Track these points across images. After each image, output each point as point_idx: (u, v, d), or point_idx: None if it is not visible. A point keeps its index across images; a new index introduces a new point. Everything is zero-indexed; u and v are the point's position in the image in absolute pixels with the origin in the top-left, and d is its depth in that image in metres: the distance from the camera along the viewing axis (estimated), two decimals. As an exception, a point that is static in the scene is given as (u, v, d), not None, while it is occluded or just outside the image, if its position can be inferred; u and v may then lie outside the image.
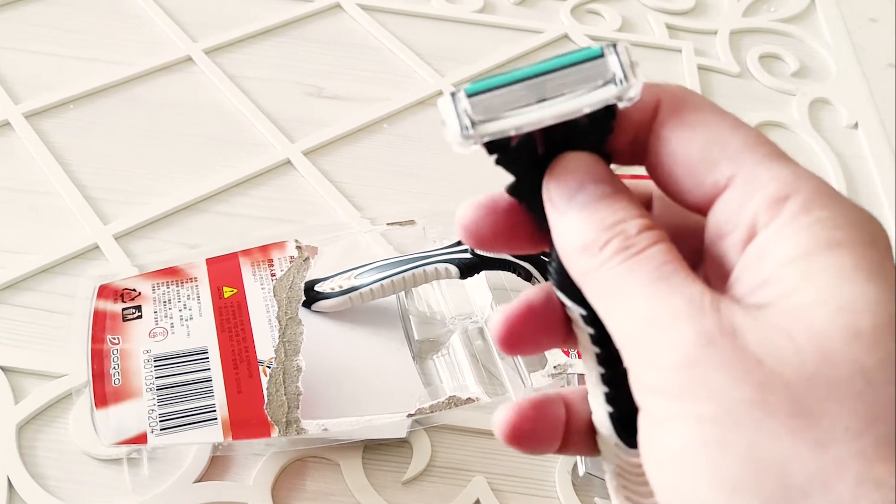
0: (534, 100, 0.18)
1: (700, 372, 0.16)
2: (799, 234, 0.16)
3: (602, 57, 0.18)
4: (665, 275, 0.17)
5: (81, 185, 0.44)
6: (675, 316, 0.16)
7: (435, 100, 0.52)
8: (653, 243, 0.17)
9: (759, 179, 0.17)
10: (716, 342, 0.16)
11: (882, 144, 0.53)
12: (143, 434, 0.32)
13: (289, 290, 0.37)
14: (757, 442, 0.15)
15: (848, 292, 0.16)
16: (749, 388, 0.15)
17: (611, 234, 0.18)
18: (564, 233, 0.18)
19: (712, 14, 0.62)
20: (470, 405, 0.35)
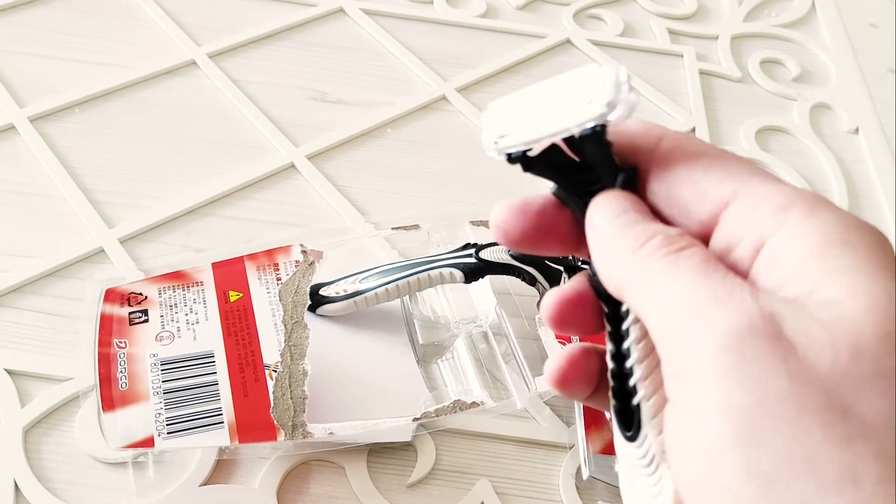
0: (541, 116, 0.20)
1: (737, 360, 0.16)
2: (811, 235, 0.17)
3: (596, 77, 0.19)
4: (706, 269, 0.17)
5: (87, 188, 0.44)
6: (717, 302, 0.16)
7: (438, 104, 0.52)
8: (692, 244, 0.18)
9: (761, 192, 0.18)
10: (756, 328, 0.16)
11: (882, 149, 0.53)
12: (150, 438, 0.32)
13: (294, 295, 0.37)
14: (791, 437, 0.15)
15: (875, 290, 0.16)
16: (785, 380, 0.15)
17: (653, 233, 0.18)
18: (607, 249, 0.19)
19: (714, 19, 0.62)
20: (474, 409, 0.35)
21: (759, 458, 0.15)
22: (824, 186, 0.50)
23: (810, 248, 0.17)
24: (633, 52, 0.58)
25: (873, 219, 0.49)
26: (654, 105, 0.54)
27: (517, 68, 0.55)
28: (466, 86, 0.53)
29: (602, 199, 0.20)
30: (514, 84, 0.54)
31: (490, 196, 0.46)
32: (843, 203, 0.50)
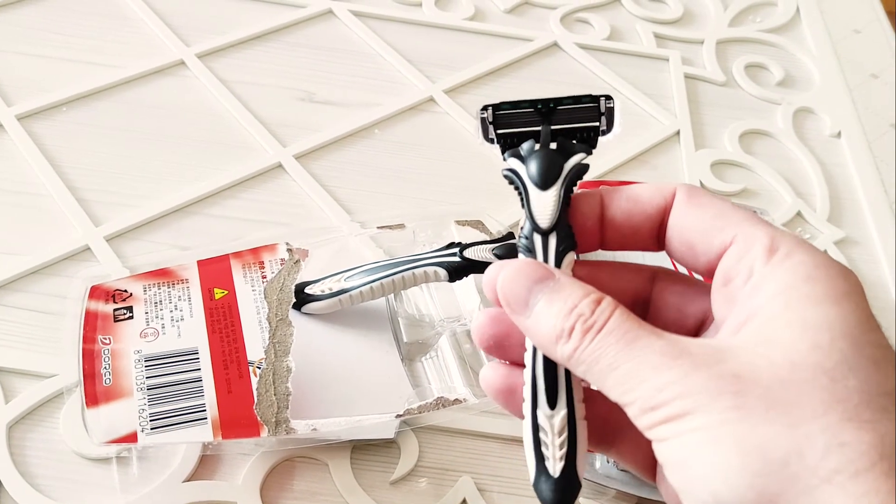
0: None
1: (687, 398, 0.20)
2: (784, 274, 0.21)
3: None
4: (631, 340, 0.21)
5: (73, 187, 0.44)
6: (654, 367, 0.20)
7: (426, 105, 0.52)
8: (609, 315, 0.21)
9: (755, 236, 0.22)
10: (696, 368, 0.20)
11: (864, 153, 0.54)
12: (134, 433, 0.32)
13: (279, 292, 0.37)
14: (741, 434, 0.19)
15: (813, 315, 0.20)
16: (729, 398, 0.19)
17: (572, 321, 0.22)
18: (535, 332, 0.23)
19: (699, 24, 0.63)
20: (457, 406, 0.35)
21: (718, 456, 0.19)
22: (807, 189, 0.51)
23: (780, 285, 0.21)
24: (620, 55, 0.58)
25: (854, 222, 0.50)
26: (640, 108, 0.54)
27: (504, 71, 0.56)
28: (454, 87, 0.53)
29: (504, 281, 0.23)
30: (502, 86, 0.55)
31: (475, 196, 0.47)
32: (825, 206, 0.50)
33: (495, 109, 0.25)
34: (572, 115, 0.25)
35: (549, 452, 0.23)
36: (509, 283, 0.23)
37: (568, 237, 0.23)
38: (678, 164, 0.51)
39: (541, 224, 0.23)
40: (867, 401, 0.19)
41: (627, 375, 0.21)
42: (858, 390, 0.19)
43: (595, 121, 0.25)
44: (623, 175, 0.50)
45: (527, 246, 0.24)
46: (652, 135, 0.52)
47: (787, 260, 0.21)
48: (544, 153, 0.24)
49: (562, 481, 0.23)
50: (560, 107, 0.25)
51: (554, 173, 0.24)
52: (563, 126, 0.25)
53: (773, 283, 0.21)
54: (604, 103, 0.25)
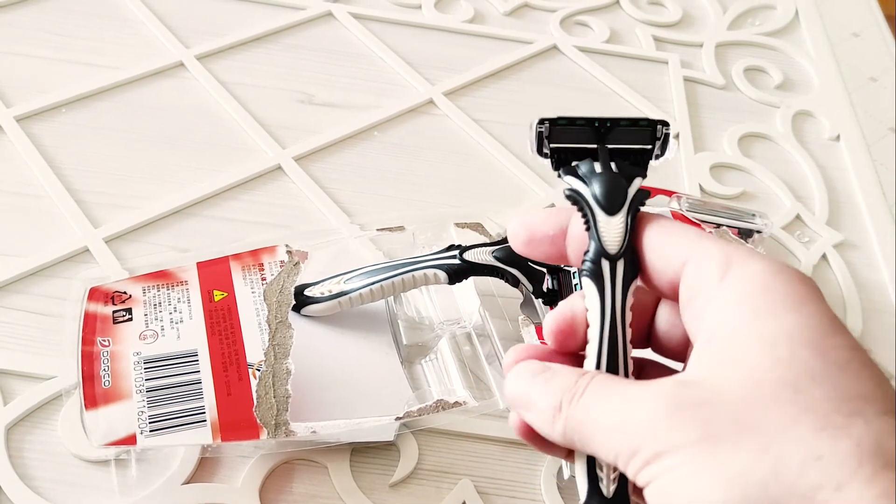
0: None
1: (659, 433, 0.20)
2: (740, 285, 0.21)
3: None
4: (607, 395, 0.22)
5: (72, 188, 0.44)
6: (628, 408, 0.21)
7: (425, 108, 0.52)
8: (591, 380, 0.22)
9: (708, 251, 0.22)
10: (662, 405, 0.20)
11: (863, 157, 0.54)
12: (133, 435, 0.32)
13: (279, 295, 0.37)
14: (717, 466, 0.19)
15: (772, 328, 0.20)
16: (698, 429, 0.19)
17: (560, 395, 0.23)
18: (537, 422, 0.23)
19: (698, 27, 0.63)
20: (457, 409, 0.35)
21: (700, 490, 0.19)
22: (806, 193, 0.51)
23: (736, 297, 0.21)
24: (619, 58, 0.58)
25: (853, 225, 0.50)
26: (640, 111, 0.54)
27: (504, 73, 0.56)
28: (454, 90, 0.53)
29: (508, 384, 0.24)
30: (501, 89, 0.55)
31: (474, 198, 0.47)
32: (824, 209, 0.50)
33: (552, 124, 0.25)
34: (628, 137, 0.25)
35: (604, 473, 0.23)
36: (513, 385, 0.24)
37: (633, 263, 0.23)
38: (677, 167, 0.51)
39: (609, 250, 0.23)
40: (836, 407, 0.19)
41: (608, 429, 0.21)
42: (826, 398, 0.19)
43: (649, 144, 0.25)
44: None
45: (593, 271, 0.23)
46: (651, 138, 0.52)
47: (740, 272, 0.21)
48: (610, 177, 0.24)
49: (615, 502, 0.23)
50: (617, 127, 0.25)
51: (621, 199, 0.24)
52: (618, 146, 0.25)
53: (727, 298, 0.21)
54: (661, 129, 0.25)
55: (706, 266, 0.22)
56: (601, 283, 0.23)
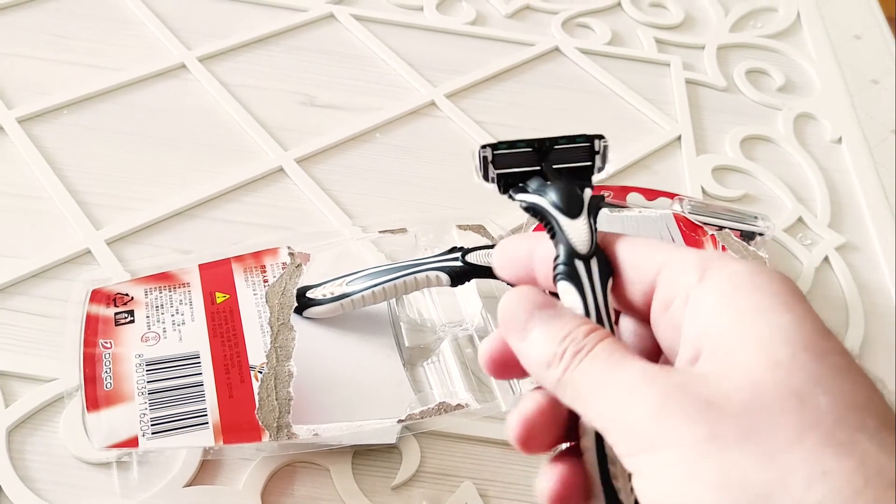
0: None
1: (663, 426, 0.19)
2: (722, 285, 0.21)
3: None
4: (613, 363, 0.21)
5: (74, 190, 0.44)
6: (633, 387, 0.20)
7: (427, 109, 0.52)
8: (599, 340, 0.21)
9: (685, 257, 0.22)
10: (669, 399, 0.19)
11: (865, 159, 0.54)
12: (135, 438, 0.32)
13: (281, 297, 0.37)
14: (719, 469, 0.18)
15: (765, 328, 0.20)
16: (704, 429, 0.19)
17: (565, 345, 0.21)
18: (528, 356, 0.22)
19: (700, 29, 0.63)
20: (459, 411, 0.35)
21: (699, 492, 0.18)
22: (807, 195, 0.51)
23: (721, 297, 0.21)
24: (621, 60, 0.58)
25: (855, 227, 0.50)
26: (641, 113, 0.54)
27: (506, 75, 0.56)
28: (455, 92, 0.53)
29: (507, 303, 0.23)
30: (503, 90, 0.55)
31: (476, 200, 0.47)
32: (826, 212, 0.50)
33: (494, 149, 0.25)
34: (569, 155, 0.25)
35: (621, 484, 0.22)
36: (512, 306, 0.23)
37: (606, 262, 0.24)
38: (679, 170, 0.51)
39: (580, 250, 0.23)
40: (840, 419, 0.18)
41: (608, 400, 0.20)
42: (830, 408, 0.18)
43: (590, 160, 0.25)
44: (625, 180, 0.50)
45: (568, 272, 0.23)
46: (653, 140, 0.52)
47: (720, 273, 0.21)
48: (563, 184, 0.25)
49: None
50: (556, 146, 0.25)
51: (579, 201, 0.24)
52: (561, 165, 0.25)
53: (713, 299, 0.21)
54: (599, 143, 0.25)
55: (683, 270, 0.22)
56: (579, 283, 0.23)
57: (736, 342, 0.20)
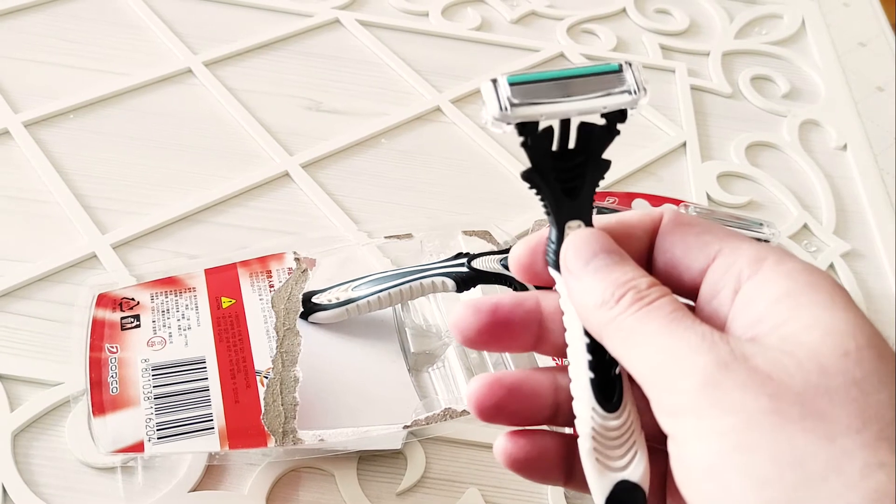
0: (561, 96, 0.22)
1: (720, 391, 0.19)
2: (780, 280, 0.21)
3: (620, 72, 0.22)
4: (677, 318, 0.20)
5: (80, 194, 0.44)
6: (692, 349, 0.20)
7: (432, 115, 0.52)
8: (662, 295, 0.21)
9: (740, 249, 0.22)
10: (730, 365, 0.19)
11: (870, 166, 0.54)
12: (141, 442, 0.32)
13: (287, 302, 0.37)
14: (777, 442, 0.18)
15: (831, 320, 0.20)
16: (765, 399, 0.18)
17: (625, 289, 0.21)
18: (582, 293, 0.22)
19: (705, 36, 0.63)
20: (465, 417, 0.35)
21: (754, 464, 0.18)
22: (812, 202, 0.51)
23: (780, 290, 0.20)
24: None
25: (860, 234, 0.50)
26: (646, 119, 0.54)
27: (511, 81, 0.56)
28: (461, 97, 0.54)
29: (574, 238, 0.22)
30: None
31: (482, 206, 0.47)
32: (831, 219, 0.50)
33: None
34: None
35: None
36: (578, 242, 0.22)
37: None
38: (684, 176, 0.51)
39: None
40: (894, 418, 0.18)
41: (662, 355, 0.20)
42: (888, 406, 0.18)
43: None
44: (630, 186, 0.50)
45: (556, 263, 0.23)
46: (658, 146, 0.52)
47: (780, 267, 0.21)
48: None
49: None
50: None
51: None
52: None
53: (773, 289, 0.21)
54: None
55: (736, 261, 0.21)
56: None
57: (801, 328, 0.20)
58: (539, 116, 0.22)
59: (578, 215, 0.23)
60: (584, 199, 0.23)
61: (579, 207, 0.23)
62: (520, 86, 0.22)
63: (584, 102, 0.22)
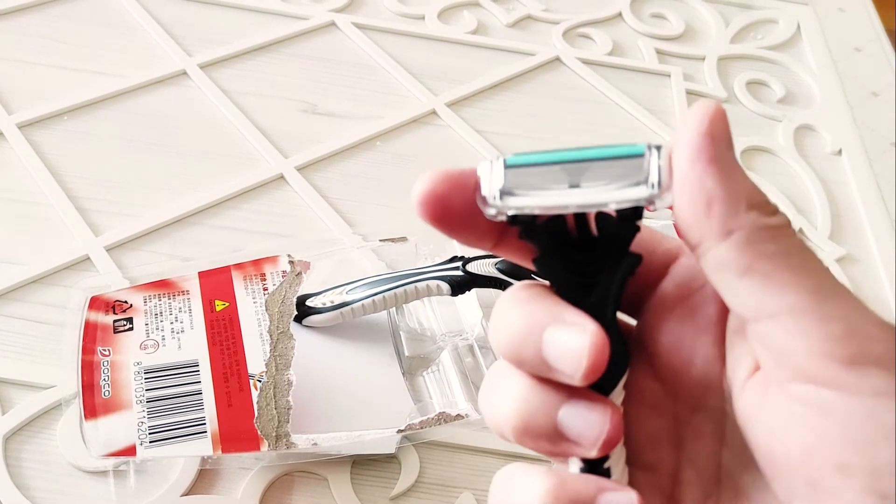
0: (567, 184, 0.18)
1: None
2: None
3: (642, 156, 0.18)
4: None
5: (74, 196, 0.44)
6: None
7: (428, 118, 0.52)
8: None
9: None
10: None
11: (864, 171, 0.54)
12: (133, 446, 0.32)
13: (281, 305, 0.37)
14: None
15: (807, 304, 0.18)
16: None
17: (746, 202, 0.18)
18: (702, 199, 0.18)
19: (701, 40, 0.63)
20: (459, 422, 0.35)
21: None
22: (807, 206, 0.51)
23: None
24: (622, 70, 0.58)
25: (855, 239, 0.50)
26: (642, 123, 0.54)
27: (507, 84, 0.56)
28: (456, 101, 0.53)
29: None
30: (504, 100, 0.55)
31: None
32: (826, 224, 0.50)
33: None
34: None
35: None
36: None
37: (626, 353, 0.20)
38: (680, 180, 0.51)
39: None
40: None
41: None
42: None
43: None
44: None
45: None
46: (654, 150, 0.52)
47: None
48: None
49: None
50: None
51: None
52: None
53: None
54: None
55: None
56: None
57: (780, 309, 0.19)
58: (532, 210, 0.18)
59: (597, 316, 0.19)
60: (603, 296, 0.19)
61: (600, 306, 0.19)
62: (517, 169, 0.18)
63: (587, 195, 0.18)
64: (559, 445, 0.19)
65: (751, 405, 0.19)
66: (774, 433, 0.19)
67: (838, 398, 0.17)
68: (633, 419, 0.21)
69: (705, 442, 0.21)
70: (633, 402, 0.21)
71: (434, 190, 0.19)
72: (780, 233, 0.18)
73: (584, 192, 0.18)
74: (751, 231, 0.18)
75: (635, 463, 0.21)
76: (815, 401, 0.18)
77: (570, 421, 0.19)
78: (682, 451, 0.21)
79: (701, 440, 0.21)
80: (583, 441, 0.19)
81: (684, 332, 0.21)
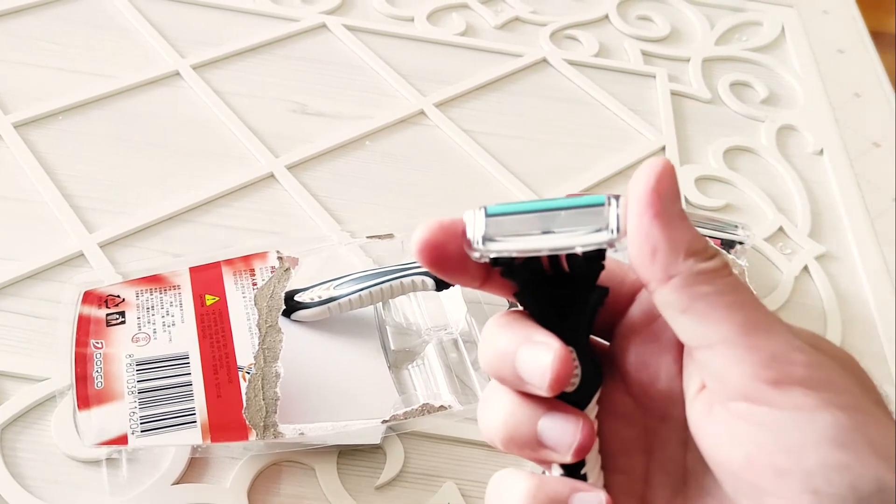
0: (540, 230, 0.21)
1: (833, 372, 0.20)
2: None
3: (603, 206, 0.21)
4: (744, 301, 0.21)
5: (68, 194, 0.45)
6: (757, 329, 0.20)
7: (416, 118, 0.53)
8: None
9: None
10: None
11: (845, 171, 0.55)
12: (124, 435, 0.33)
13: (269, 300, 0.38)
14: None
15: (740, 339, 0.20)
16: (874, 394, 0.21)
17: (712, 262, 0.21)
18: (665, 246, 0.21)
19: (686, 42, 0.64)
20: (442, 412, 0.36)
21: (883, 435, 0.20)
22: (789, 206, 0.52)
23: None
24: (608, 72, 0.60)
25: (835, 237, 0.51)
26: (627, 124, 0.55)
27: (494, 85, 0.57)
28: (444, 101, 0.54)
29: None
30: (492, 100, 0.56)
31: (463, 207, 0.48)
32: (807, 222, 0.51)
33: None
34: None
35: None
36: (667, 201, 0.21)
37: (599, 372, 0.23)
38: (663, 179, 0.52)
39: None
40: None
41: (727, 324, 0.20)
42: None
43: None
44: (609, 189, 0.51)
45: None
46: (637, 150, 0.53)
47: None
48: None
49: None
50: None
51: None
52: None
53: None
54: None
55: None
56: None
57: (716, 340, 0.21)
58: (510, 253, 0.21)
59: (571, 340, 0.22)
60: (578, 324, 0.22)
61: (573, 332, 0.22)
62: (497, 218, 0.22)
63: (558, 240, 0.21)
64: (539, 452, 0.22)
65: (699, 418, 0.22)
66: (720, 443, 0.21)
67: (769, 413, 0.20)
68: (608, 429, 0.24)
69: (672, 448, 0.23)
70: (608, 414, 0.24)
71: (431, 238, 0.22)
72: (715, 275, 0.20)
73: (555, 237, 0.21)
74: (688, 276, 0.20)
75: (610, 468, 0.23)
76: (751, 416, 0.20)
77: (548, 431, 0.22)
78: (651, 457, 0.24)
79: (668, 446, 0.23)
80: (559, 448, 0.22)
81: (650, 352, 0.23)
